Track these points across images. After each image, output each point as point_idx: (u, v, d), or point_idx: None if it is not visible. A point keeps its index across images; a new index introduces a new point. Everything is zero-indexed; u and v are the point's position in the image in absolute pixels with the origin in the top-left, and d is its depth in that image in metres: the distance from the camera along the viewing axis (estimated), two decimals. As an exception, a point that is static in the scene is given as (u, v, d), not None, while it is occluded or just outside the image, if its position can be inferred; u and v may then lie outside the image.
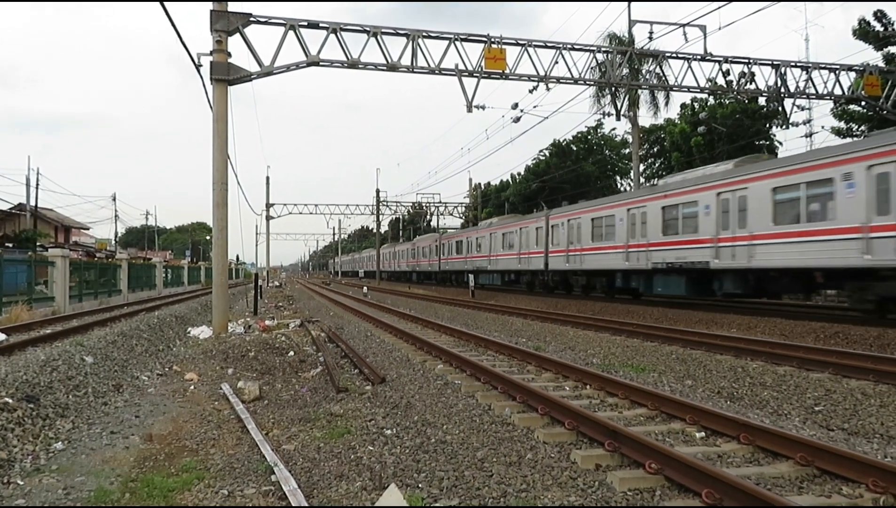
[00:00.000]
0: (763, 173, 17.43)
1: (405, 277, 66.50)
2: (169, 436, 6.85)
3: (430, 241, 56.53)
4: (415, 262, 61.29)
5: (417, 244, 61.36)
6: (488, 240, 39.36)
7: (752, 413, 7.46)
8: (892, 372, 8.77)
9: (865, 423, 7.03)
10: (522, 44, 20.47)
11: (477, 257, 41.53)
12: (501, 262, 36.94)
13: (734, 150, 35.19)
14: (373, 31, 18.97)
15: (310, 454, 6.06)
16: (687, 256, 20.21)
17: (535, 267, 32.18)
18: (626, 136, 51.27)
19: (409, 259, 63.75)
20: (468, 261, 43.46)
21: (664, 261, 21.31)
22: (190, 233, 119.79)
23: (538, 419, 6.87)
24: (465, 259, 44.22)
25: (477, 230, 44.07)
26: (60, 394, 7.82)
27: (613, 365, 10.91)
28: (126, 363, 10.94)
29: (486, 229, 41.11)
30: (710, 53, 21.69)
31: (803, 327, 14.69)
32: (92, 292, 26.22)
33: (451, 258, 48.54)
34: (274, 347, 13.12)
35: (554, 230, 30.04)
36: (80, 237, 68.26)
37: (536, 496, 4.76)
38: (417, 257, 60.22)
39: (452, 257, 48.10)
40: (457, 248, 46.94)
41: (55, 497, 4.94)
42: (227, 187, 16.98)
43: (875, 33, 28.46)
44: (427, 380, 9.38)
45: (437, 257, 52.27)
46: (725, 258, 18.49)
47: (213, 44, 16.83)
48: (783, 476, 5.13)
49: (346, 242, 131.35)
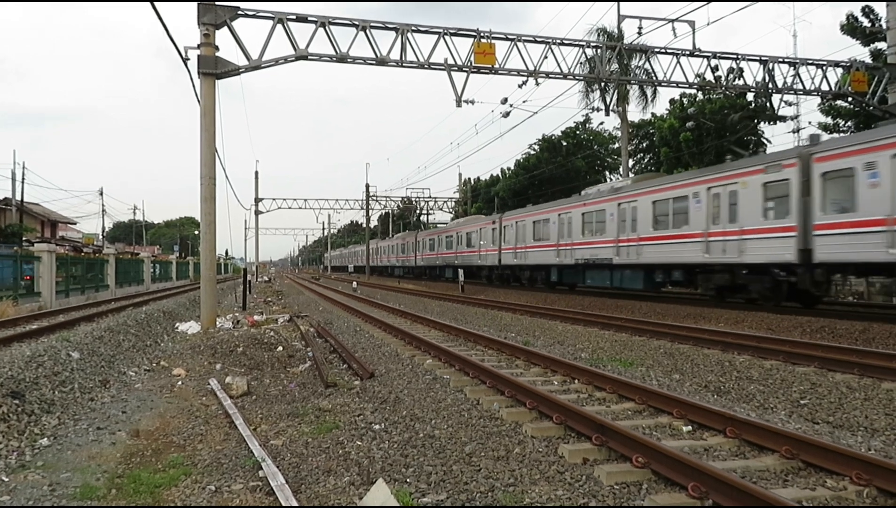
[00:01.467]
0: (647, 190, 21.89)
1: (388, 271, 67.73)
2: (156, 432, 6.82)
3: (409, 238, 59.76)
4: (395, 258, 63.86)
5: (397, 241, 64.19)
6: (454, 238, 43.84)
7: (739, 407, 7.51)
8: (876, 366, 8.87)
9: (850, 416, 7.10)
10: (512, 38, 20.44)
11: (446, 254, 45.57)
12: (463, 258, 41.19)
13: (722, 145, 35.38)
14: (362, 24, 18.89)
15: (298, 449, 6.06)
16: (598, 254, 24.44)
17: (490, 263, 36.51)
18: (616, 131, 51.44)
19: (391, 255, 65.76)
20: (439, 257, 47.57)
21: (583, 258, 25.50)
22: (178, 228, 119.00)
23: (526, 413, 6.89)
24: (437, 255, 48.17)
25: (445, 230, 48.37)
26: (46, 390, 7.77)
27: (602, 360, 10.95)
28: (113, 359, 10.88)
29: (453, 229, 45.55)
30: (699, 49, 21.76)
31: (790, 321, 14.80)
32: (79, 288, 26.03)
33: (425, 255, 52.25)
34: (262, 342, 13.08)
35: (505, 231, 34.05)
36: (67, 232, 67.70)
37: (524, 490, 4.77)
38: (397, 253, 62.96)
39: (427, 253, 51.79)
40: (430, 245, 50.75)
41: (40, 494, 4.91)
42: (215, 182, 16.90)
43: (862, 29, 28.61)
44: (416, 375, 9.38)
45: (414, 253, 55.90)
46: (623, 256, 22.76)
47: (200, 37, 16.71)
48: (768, 469, 5.17)
49: (336, 237, 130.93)
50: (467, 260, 40.38)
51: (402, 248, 60.59)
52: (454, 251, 43.61)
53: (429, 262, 51.17)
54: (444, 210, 67.20)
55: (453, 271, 42.61)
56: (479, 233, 38.55)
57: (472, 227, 40.64)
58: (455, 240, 43.61)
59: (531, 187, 54.08)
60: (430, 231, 55.88)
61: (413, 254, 56.01)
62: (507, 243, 33.72)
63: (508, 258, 33.62)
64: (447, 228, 48.96)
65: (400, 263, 61.72)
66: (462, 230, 42.46)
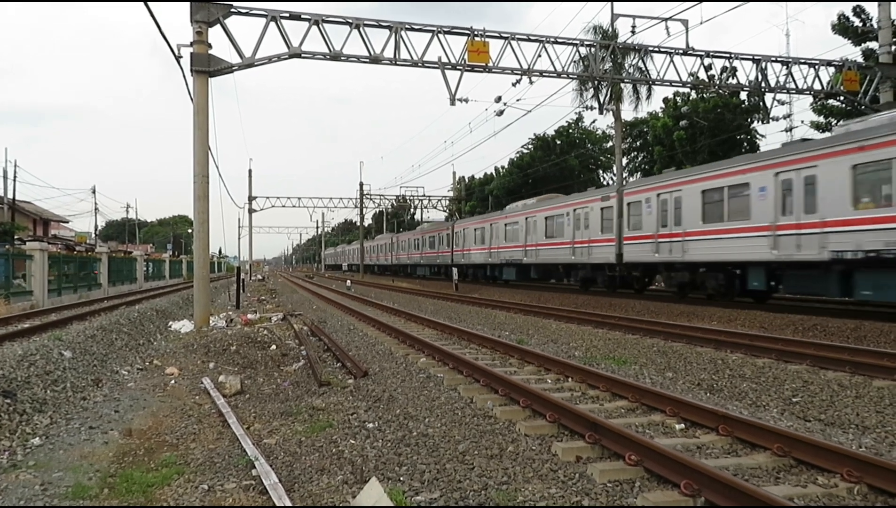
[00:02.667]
0: (543, 208, 30.34)
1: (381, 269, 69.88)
2: (149, 431, 6.80)
3: (386, 239, 67.00)
4: (376, 257, 69.99)
5: (378, 241, 70.92)
6: (422, 241, 51.89)
7: (732, 405, 7.54)
8: (867, 364, 8.92)
9: (841, 414, 7.13)
10: (506, 37, 20.44)
11: (414, 254, 54.25)
12: (428, 258, 50.30)
13: (715, 144, 35.48)
14: (355, 23, 18.85)
15: (291, 448, 6.05)
16: (514, 255, 32.90)
17: (444, 262, 45.62)
18: (609, 130, 51.47)
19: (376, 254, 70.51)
20: (409, 257, 56.40)
21: (505, 258, 34.11)
22: (171, 226, 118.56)
23: (520, 411, 6.90)
24: (408, 256, 56.79)
25: (414, 233, 57.28)
26: (38, 389, 7.74)
27: (595, 358, 10.97)
28: (105, 358, 10.84)
29: (418, 233, 54.67)
30: (692, 48, 21.80)
31: (782, 319, 14.87)
32: (71, 286, 25.90)
33: (398, 255, 60.62)
34: (256, 341, 13.05)
35: (456, 236, 43.23)
36: (60, 230, 67.40)
37: (517, 488, 4.78)
38: (377, 253, 69.55)
39: (400, 253, 59.99)
40: (405, 246, 58.75)
41: (32, 494, 4.88)
42: (208, 180, 16.84)
43: (854, 28, 28.73)
44: (410, 373, 9.38)
45: (390, 253, 63.59)
46: (530, 257, 30.83)
47: (193, 35, 16.64)
48: (760, 467, 5.19)
49: (330, 235, 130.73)
50: (431, 260, 49.11)
51: (381, 248, 67.05)
52: (420, 252, 52.56)
53: (402, 261, 58.93)
54: (438, 208, 67.14)
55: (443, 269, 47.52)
56: (437, 237, 47.71)
57: (433, 232, 49.59)
58: (421, 242, 51.99)
59: (525, 186, 54.11)
60: (405, 232, 63.81)
61: (389, 253, 63.71)
62: (458, 246, 42.76)
63: (458, 259, 42.74)
64: (414, 232, 58.19)
65: (378, 261, 68.22)
66: (426, 235, 51.27)
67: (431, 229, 50.96)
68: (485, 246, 37.12)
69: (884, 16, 23.91)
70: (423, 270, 53.69)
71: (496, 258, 35.20)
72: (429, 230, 51.10)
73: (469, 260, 40.31)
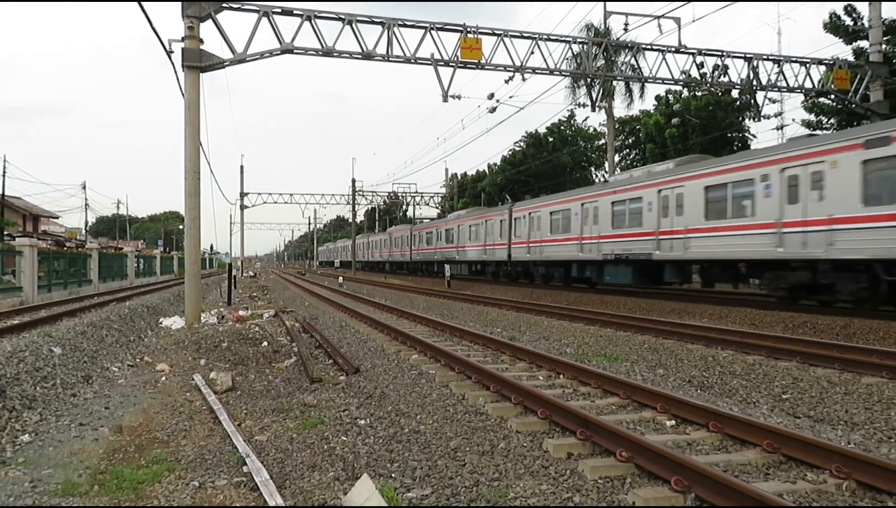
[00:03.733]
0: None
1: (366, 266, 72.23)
2: (139, 428, 6.77)
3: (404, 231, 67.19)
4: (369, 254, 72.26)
5: (370, 238, 73.49)
6: (389, 241, 58.40)
7: (722, 402, 7.58)
8: (856, 361, 8.98)
9: (831, 410, 7.18)
10: (498, 34, 20.44)
11: (385, 252, 60.64)
12: (396, 256, 55.96)
13: (707, 141, 35.60)
14: (348, 18, 18.80)
15: (282, 444, 6.04)
16: (480, 253, 36.47)
17: (400, 260, 54.42)
18: (601, 127, 51.57)
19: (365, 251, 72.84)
20: (381, 254, 63.31)
21: (473, 257, 37.81)
22: (162, 222, 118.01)
23: (511, 408, 6.91)
24: (380, 253, 63.52)
25: (389, 232, 62.43)
26: (27, 386, 7.69)
27: (587, 355, 11.00)
28: (96, 354, 10.78)
29: (386, 234, 61.29)
30: (685, 46, 21.88)
31: (772, 316, 14.94)
32: (61, 283, 25.75)
33: (373, 252, 67.06)
34: (247, 337, 13.03)
35: (414, 237, 50.24)
36: (50, 226, 66.99)
37: (509, 484, 4.79)
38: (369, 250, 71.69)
39: (373, 251, 66.64)
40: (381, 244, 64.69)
41: (21, 491, 4.85)
42: (199, 176, 16.77)
43: (845, 27, 28.87)
44: (401, 370, 9.38)
45: (368, 250, 69.44)
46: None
47: (184, 30, 16.56)
48: (750, 463, 5.22)
49: (322, 232, 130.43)
50: (397, 258, 55.33)
51: (375, 244, 69.09)
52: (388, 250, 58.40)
53: (384, 258, 62.63)
54: (430, 205, 67.12)
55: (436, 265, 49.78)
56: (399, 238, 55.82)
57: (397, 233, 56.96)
58: (390, 242, 57.78)
59: (517, 183, 54.15)
60: (383, 232, 67.48)
61: (370, 251, 68.67)
62: (420, 245, 48.96)
63: (416, 256, 49.94)
64: (388, 231, 63.03)
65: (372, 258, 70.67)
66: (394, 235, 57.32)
67: (396, 231, 56.45)
68: (454, 245, 41.29)
69: (875, 15, 24.05)
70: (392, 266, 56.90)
71: (462, 256, 39.49)
72: (397, 232, 55.88)
73: (430, 257, 45.60)
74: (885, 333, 12.20)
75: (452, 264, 39.07)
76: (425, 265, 48.22)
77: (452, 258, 40.65)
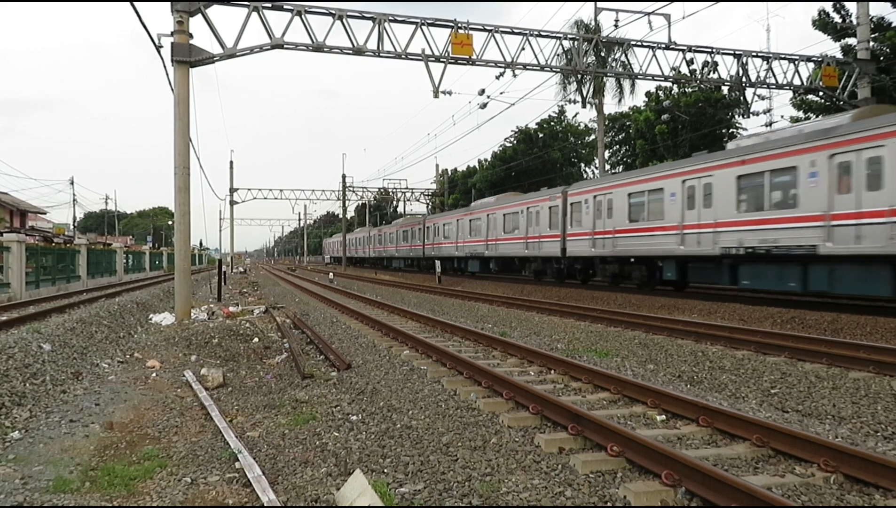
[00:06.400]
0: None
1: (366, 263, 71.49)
2: (130, 424, 6.75)
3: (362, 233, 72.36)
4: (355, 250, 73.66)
5: (358, 234, 74.56)
6: (396, 235, 56.13)
7: (712, 397, 7.64)
8: (844, 356, 9.07)
9: (818, 405, 7.25)
10: (489, 30, 20.43)
11: (391, 246, 58.73)
12: (404, 251, 53.87)
13: (697, 138, 35.74)
14: (338, 14, 18.73)
15: (274, 440, 6.04)
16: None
17: (411, 255, 51.60)
18: (591, 123, 51.68)
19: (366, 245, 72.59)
20: (374, 250, 63.71)
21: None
22: (152, 218, 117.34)
23: (503, 403, 6.94)
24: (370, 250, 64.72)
25: (379, 229, 63.87)
26: (17, 382, 7.64)
27: (577, 350, 11.05)
28: (85, 351, 10.72)
29: (393, 227, 59.31)
30: (675, 42, 21.96)
31: (761, 312, 15.06)
32: (50, 279, 25.56)
33: (358, 248, 68.62)
34: (238, 333, 12.99)
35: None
36: (37, 222, 66.34)
37: (500, 479, 4.82)
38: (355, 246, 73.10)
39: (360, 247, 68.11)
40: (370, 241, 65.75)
41: (12, 487, 4.83)
42: (189, 172, 16.69)
43: (833, 25, 29.05)
44: (393, 366, 9.39)
45: (347, 247, 67.78)
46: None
47: (174, 25, 16.45)
48: (740, 457, 5.27)
49: (312, 228, 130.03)
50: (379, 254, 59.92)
51: (360, 241, 70.93)
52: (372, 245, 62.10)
53: (374, 254, 64.34)
54: (420, 201, 67.09)
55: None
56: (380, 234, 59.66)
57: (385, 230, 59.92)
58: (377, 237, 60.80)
59: (508, 179, 54.18)
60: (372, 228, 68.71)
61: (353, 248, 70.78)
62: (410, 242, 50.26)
63: (403, 253, 52.42)
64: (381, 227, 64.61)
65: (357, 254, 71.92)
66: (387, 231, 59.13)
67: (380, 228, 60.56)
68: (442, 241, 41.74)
69: (863, 13, 24.20)
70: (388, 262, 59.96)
71: (461, 251, 38.42)
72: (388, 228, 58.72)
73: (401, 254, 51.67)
74: (872, 328, 12.33)
75: (480, 261, 36.00)
76: (443, 262, 37.94)
77: (480, 254, 35.15)
